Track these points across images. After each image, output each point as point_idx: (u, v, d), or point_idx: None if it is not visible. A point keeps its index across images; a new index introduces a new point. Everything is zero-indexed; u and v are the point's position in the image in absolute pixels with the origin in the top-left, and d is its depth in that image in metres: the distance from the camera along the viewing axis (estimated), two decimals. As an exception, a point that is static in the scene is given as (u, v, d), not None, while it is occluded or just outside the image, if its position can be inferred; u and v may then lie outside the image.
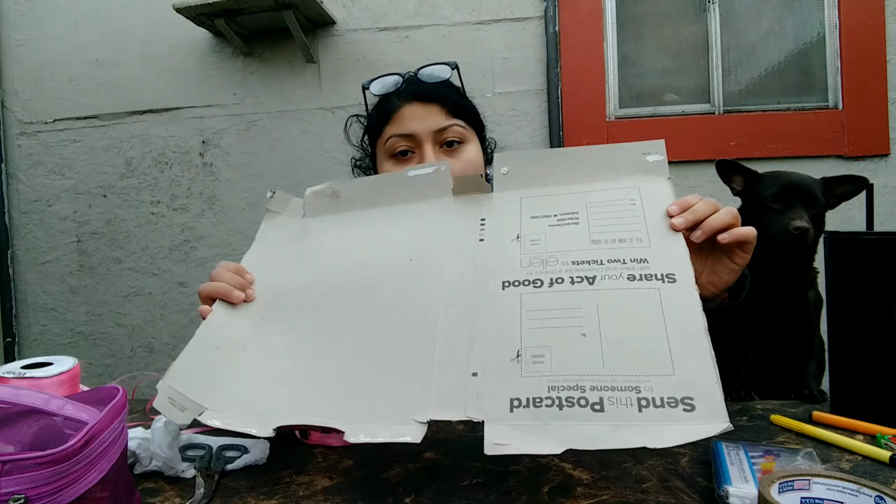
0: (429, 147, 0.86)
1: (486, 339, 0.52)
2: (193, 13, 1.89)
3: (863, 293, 0.70)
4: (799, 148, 1.90)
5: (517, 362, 0.49)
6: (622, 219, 0.59)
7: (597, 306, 0.51)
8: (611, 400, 0.44)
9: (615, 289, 0.52)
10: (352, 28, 2.06)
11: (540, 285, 0.54)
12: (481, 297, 0.56)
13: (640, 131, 1.97)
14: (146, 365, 2.20)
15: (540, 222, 0.61)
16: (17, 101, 2.24)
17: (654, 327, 0.49)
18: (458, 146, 0.88)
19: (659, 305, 0.50)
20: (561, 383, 0.46)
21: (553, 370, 0.47)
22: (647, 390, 0.45)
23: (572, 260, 0.56)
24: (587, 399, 0.45)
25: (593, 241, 0.57)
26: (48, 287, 2.26)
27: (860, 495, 0.43)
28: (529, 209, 0.63)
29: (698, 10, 2.02)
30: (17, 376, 0.66)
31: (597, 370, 0.47)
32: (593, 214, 0.60)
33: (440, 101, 0.87)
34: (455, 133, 0.87)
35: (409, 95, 0.88)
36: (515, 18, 2.00)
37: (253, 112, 2.13)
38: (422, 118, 0.87)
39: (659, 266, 0.53)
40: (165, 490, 0.57)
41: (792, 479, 0.45)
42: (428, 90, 0.88)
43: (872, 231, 0.85)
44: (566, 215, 0.61)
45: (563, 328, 0.50)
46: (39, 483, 0.40)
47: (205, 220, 2.17)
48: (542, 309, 0.52)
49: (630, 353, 0.48)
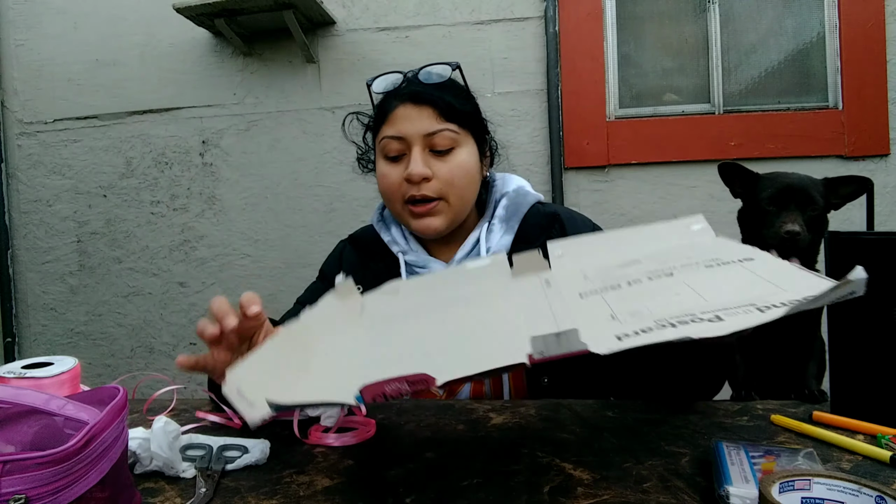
0: (417, 150, 0.85)
1: (572, 316, 0.49)
2: (193, 13, 1.89)
3: (863, 293, 0.70)
4: (799, 148, 1.90)
5: (614, 321, 0.46)
6: (682, 253, 0.60)
7: (683, 281, 0.50)
8: (727, 314, 0.41)
9: (697, 271, 0.52)
10: (352, 28, 2.06)
11: (619, 287, 0.54)
12: (559, 304, 0.54)
13: (640, 131, 1.98)
14: (146, 365, 2.20)
15: (603, 269, 0.62)
16: (17, 101, 2.24)
17: (749, 278, 0.48)
18: (448, 152, 0.87)
19: (747, 270, 0.50)
20: (668, 316, 0.43)
21: (655, 313, 0.44)
22: (763, 302, 0.42)
23: (644, 273, 0.56)
24: (701, 318, 0.42)
25: (661, 264, 0.59)
26: (48, 287, 2.26)
27: (861, 495, 0.43)
28: (590, 266, 0.64)
29: (698, 10, 2.02)
30: (17, 376, 0.66)
31: (701, 304, 0.44)
32: (654, 256, 0.62)
33: (433, 104, 0.86)
34: (445, 138, 0.86)
35: (404, 96, 0.87)
36: (515, 18, 2.00)
37: (253, 112, 2.13)
38: (413, 120, 0.86)
39: (731, 255, 0.54)
40: (165, 490, 0.57)
41: (793, 479, 0.45)
42: (423, 92, 0.87)
43: (872, 231, 0.85)
44: (628, 262, 0.62)
45: (654, 296, 0.49)
46: (40, 483, 0.40)
47: (205, 220, 2.17)
48: (627, 296, 0.51)
49: (734, 291, 0.46)
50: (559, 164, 1.97)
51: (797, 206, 0.85)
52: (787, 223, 0.83)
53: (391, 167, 0.88)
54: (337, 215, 2.09)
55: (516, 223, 0.91)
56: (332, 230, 2.09)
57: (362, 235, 1.01)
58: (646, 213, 1.96)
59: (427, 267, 0.91)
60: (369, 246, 0.97)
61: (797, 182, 0.86)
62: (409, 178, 0.85)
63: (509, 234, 0.91)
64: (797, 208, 0.85)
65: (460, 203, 0.89)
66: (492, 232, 0.91)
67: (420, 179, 0.85)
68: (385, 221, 0.99)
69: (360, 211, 2.07)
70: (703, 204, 1.94)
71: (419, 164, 0.84)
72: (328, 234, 2.10)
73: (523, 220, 0.92)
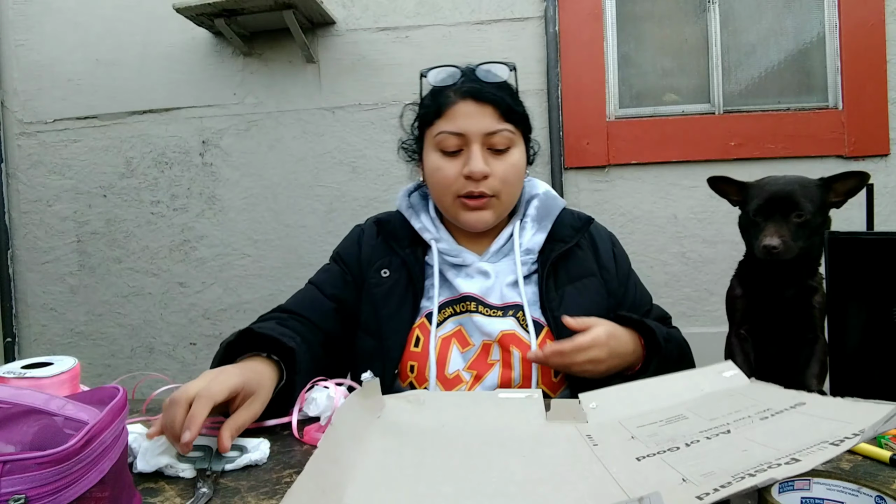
0: (476, 147, 0.87)
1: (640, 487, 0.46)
2: (193, 13, 1.89)
3: (863, 293, 0.70)
4: (799, 148, 1.90)
5: (686, 483, 0.43)
6: (727, 403, 0.60)
7: (745, 437, 0.50)
8: (803, 454, 0.41)
9: (755, 425, 0.51)
10: (352, 28, 2.06)
11: (678, 449, 0.51)
12: (618, 470, 0.50)
13: (639, 131, 1.98)
14: (146, 365, 2.20)
15: (648, 427, 0.59)
16: (17, 101, 2.24)
17: (809, 422, 0.47)
18: (504, 151, 0.89)
19: (803, 415, 0.50)
20: (742, 471, 0.41)
21: (728, 472, 0.42)
22: (834, 437, 0.43)
23: (699, 430, 0.54)
24: (779, 464, 0.41)
25: (710, 419, 0.57)
26: (48, 287, 2.26)
27: (860, 495, 0.43)
28: (632, 423, 0.62)
29: (698, 10, 2.02)
30: (17, 376, 0.66)
31: (775, 454, 0.43)
32: (698, 410, 0.61)
33: (494, 103, 0.87)
34: (504, 138, 0.88)
35: (464, 92, 0.88)
36: (515, 18, 2.00)
37: (253, 112, 2.13)
38: (474, 118, 0.87)
39: (781, 404, 0.54)
40: (165, 490, 0.57)
41: (792, 480, 0.45)
42: (484, 91, 0.88)
43: (872, 231, 0.85)
44: (672, 418, 0.60)
45: (722, 456, 0.47)
46: (40, 483, 0.40)
47: (205, 220, 2.17)
48: (690, 457, 0.48)
49: (803, 434, 0.45)
50: (559, 164, 1.97)
51: (782, 214, 0.84)
52: (766, 237, 0.82)
53: (447, 161, 0.89)
54: (337, 215, 2.09)
55: (549, 223, 0.95)
56: (332, 230, 2.09)
57: (390, 220, 0.99)
58: (646, 212, 1.96)
59: (459, 256, 0.92)
60: (397, 231, 0.97)
61: (783, 189, 0.84)
62: (470, 175, 0.87)
63: (542, 232, 0.94)
64: (782, 217, 0.84)
65: (510, 200, 0.93)
66: (524, 229, 0.95)
67: (482, 177, 0.87)
68: (414, 208, 0.98)
69: (359, 211, 2.07)
70: (702, 204, 1.94)
71: (481, 163, 0.87)
72: (328, 234, 2.10)
73: (556, 221, 0.95)
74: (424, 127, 0.93)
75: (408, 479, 0.52)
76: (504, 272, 0.92)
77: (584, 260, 0.95)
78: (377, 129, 2.06)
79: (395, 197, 1.03)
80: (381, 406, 0.69)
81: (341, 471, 0.52)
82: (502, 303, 0.90)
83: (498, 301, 0.90)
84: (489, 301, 0.90)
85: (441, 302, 0.91)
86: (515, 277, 0.91)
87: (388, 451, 0.58)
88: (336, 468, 0.52)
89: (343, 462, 0.54)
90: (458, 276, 0.92)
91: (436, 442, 0.61)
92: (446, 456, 0.57)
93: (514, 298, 0.90)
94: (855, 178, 0.85)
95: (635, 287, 0.99)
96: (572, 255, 0.94)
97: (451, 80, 0.91)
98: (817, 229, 0.84)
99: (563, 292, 0.90)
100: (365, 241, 0.99)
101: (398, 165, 2.04)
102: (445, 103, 0.89)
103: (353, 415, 0.61)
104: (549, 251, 0.92)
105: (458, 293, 0.91)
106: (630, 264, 1.01)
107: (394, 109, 2.05)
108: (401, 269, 0.93)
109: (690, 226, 1.97)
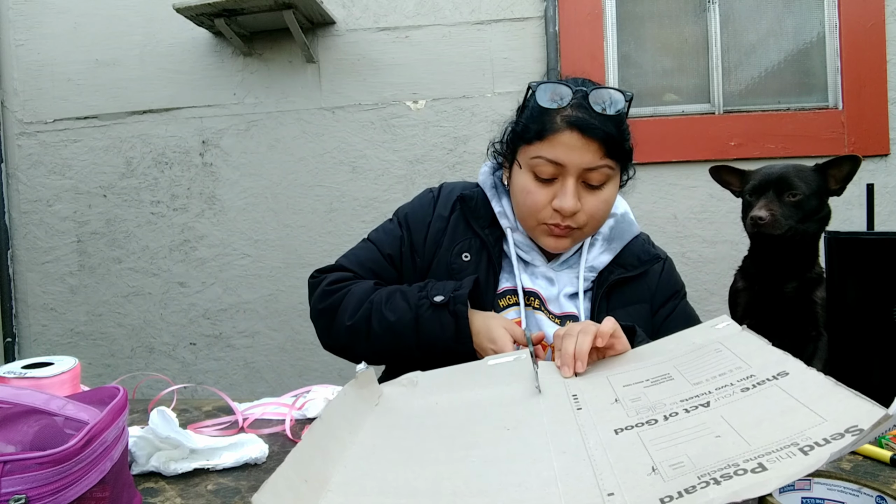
0: (571, 182, 0.83)
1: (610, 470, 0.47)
2: (193, 13, 1.89)
3: (863, 293, 0.70)
4: (799, 148, 1.90)
5: (655, 474, 0.44)
6: (713, 362, 0.60)
7: (721, 416, 0.49)
8: (770, 460, 0.40)
9: (734, 401, 0.51)
10: (352, 28, 2.06)
11: (655, 423, 0.52)
12: (595, 443, 0.51)
13: (639, 131, 1.97)
14: (146, 365, 2.20)
15: (634, 387, 0.60)
16: (17, 101, 2.24)
17: (787, 405, 0.47)
18: (599, 187, 0.85)
19: (783, 392, 0.50)
20: (711, 469, 0.41)
21: (697, 465, 0.43)
22: (805, 440, 0.41)
23: (680, 399, 0.55)
24: (745, 469, 0.40)
25: (694, 384, 0.57)
26: (48, 287, 2.26)
27: (861, 495, 0.43)
28: (619, 382, 0.63)
29: (698, 10, 2.02)
30: (17, 376, 0.66)
31: (743, 449, 0.43)
32: (684, 370, 0.61)
33: (601, 140, 0.81)
34: (601, 175, 0.84)
35: (572, 122, 0.81)
36: (515, 18, 2.00)
37: (253, 112, 2.13)
38: (577, 151, 0.82)
39: (765, 373, 0.54)
40: (165, 490, 0.57)
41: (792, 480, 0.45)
42: (593, 125, 0.81)
43: (872, 231, 0.85)
44: (658, 377, 0.61)
45: (694, 439, 0.47)
46: (40, 483, 0.40)
47: (205, 220, 2.17)
48: (664, 435, 0.49)
49: (773, 427, 0.45)
50: (559, 164, 1.97)
51: (776, 193, 0.86)
52: (755, 209, 0.84)
53: (539, 187, 0.85)
54: (337, 215, 2.09)
55: (619, 246, 0.93)
56: (332, 230, 2.09)
57: (473, 196, 0.97)
58: (645, 212, 1.96)
59: (530, 254, 0.92)
60: (478, 209, 0.95)
61: (777, 171, 0.87)
62: (559, 209, 0.83)
63: (609, 254, 0.92)
64: (775, 195, 0.86)
65: (592, 231, 0.90)
66: (594, 247, 0.93)
67: (571, 215, 0.84)
68: (497, 189, 0.96)
69: (359, 211, 2.07)
70: (702, 204, 1.94)
71: (572, 200, 0.82)
72: (328, 234, 2.10)
73: (626, 247, 0.93)
74: (521, 142, 0.88)
75: (393, 465, 0.53)
76: (563, 282, 0.92)
77: (640, 288, 0.94)
78: (377, 129, 2.06)
79: (394, 197, 1.02)
80: (377, 395, 0.69)
81: (328, 460, 0.53)
82: (560, 312, 0.90)
83: (557, 310, 0.90)
84: (549, 307, 0.90)
85: (505, 289, 0.91)
86: (574, 290, 0.91)
87: (377, 438, 0.59)
88: (322, 457, 0.53)
89: (331, 452, 0.54)
90: (524, 272, 0.92)
91: (426, 422, 0.62)
92: (434, 437, 0.59)
93: (570, 310, 0.90)
94: (848, 163, 0.86)
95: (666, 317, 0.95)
96: (630, 282, 0.93)
97: (561, 101, 0.83)
98: (812, 213, 0.85)
99: (615, 315, 0.89)
100: (438, 211, 0.97)
101: (398, 165, 2.04)
102: (549, 128, 0.83)
103: (346, 405, 0.62)
104: (609, 273, 0.91)
105: (524, 286, 0.90)
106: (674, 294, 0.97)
107: (394, 109, 2.05)
108: (481, 252, 0.92)
109: (690, 226, 1.97)
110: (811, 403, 0.46)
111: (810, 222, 0.86)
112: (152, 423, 0.60)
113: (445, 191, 0.99)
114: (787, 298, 0.87)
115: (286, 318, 2.13)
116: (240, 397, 0.83)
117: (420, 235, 0.95)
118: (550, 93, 0.84)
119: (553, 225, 0.85)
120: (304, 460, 0.49)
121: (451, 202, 0.97)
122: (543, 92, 0.84)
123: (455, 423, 0.61)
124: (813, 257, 0.88)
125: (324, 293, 0.91)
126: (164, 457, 0.60)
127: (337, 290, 0.90)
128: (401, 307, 0.83)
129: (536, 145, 0.84)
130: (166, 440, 0.60)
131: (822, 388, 0.47)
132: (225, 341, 2.17)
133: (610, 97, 0.83)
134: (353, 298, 0.87)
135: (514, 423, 0.58)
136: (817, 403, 0.45)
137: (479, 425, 0.60)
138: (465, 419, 0.62)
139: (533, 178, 0.85)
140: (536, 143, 0.84)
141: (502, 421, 0.59)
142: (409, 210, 0.99)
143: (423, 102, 2.02)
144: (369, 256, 0.95)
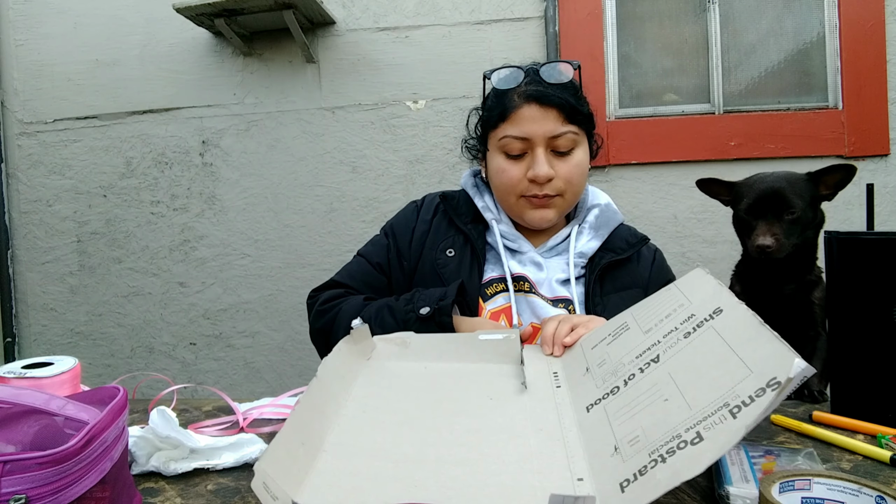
0: (540, 151, 0.88)
1: (581, 453, 0.52)
2: (193, 13, 1.89)
3: (863, 293, 0.70)
4: (799, 148, 1.90)
5: (616, 454, 0.49)
6: (662, 302, 0.64)
7: (668, 373, 0.53)
8: (706, 427, 0.44)
9: (678, 351, 0.55)
10: (352, 28, 2.06)
11: (617, 391, 0.56)
12: (570, 423, 0.57)
13: (640, 131, 1.98)
14: (146, 365, 2.20)
15: (598, 348, 0.66)
16: (17, 101, 2.24)
17: (720, 353, 0.50)
18: (568, 153, 0.90)
19: (717, 336, 0.53)
20: (658, 444, 0.46)
21: (649, 439, 0.47)
22: (734, 398, 0.45)
23: (635, 355, 0.59)
24: (686, 440, 0.45)
25: (645, 331, 0.61)
26: (48, 287, 2.26)
27: (861, 495, 0.43)
28: (588, 343, 0.69)
29: (698, 10, 2.02)
30: (17, 376, 0.66)
31: (685, 416, 0.47)
32: (638, 316, 0.65)
33: (559, 107, 0.87)
34: (568, 140, 0.88)
35: (528, 96, 0.88)
36: (515, 18, 2.00)
37: (253, 112, 2.13)
38: (538, 121, 0.87)
39: (704, 311, 0.57)
40: (165, 490, 0.57)
41: (793, 479, 0.45)
42: (548, 93, 0.87)
43: (872, 231, 0.85)
44: (618, 329, 0.66)
45: (647, 406, 0.51)
46: (40, 483, 0.40)
47: (205, 220, 2.17)
48: (625, 405, 0.54)
49: (710, 384, 0.48)
50: (559, 164, 1.97)
51: (774, 213, 0.84)
52: (758, 237, 0.83)
53: (511, 164, 0.90)
54: (337, 215, 2.09)
55: (606, 233, 0.97)
56: (331, 230, 2.09)
57: (455, 196, 1.02)
58: (646, 212, 1.96)
59: (516, 242, 0.95)
60: (460, 207, 1.00)
61: (771, 187, 0.85)
62: (535, 179, 0.88)
63: (597, 240, 0.96)
64: (774, 216, 0.84)
65: (573, 199, 0.94)
66: (581, 234, 0.96)
67: (546, 181, 0.88)
68: (479, 188, 1.01)
69: (359, 211, 2.07)
70: (702, 204, 1.94)
71: (545, 167, 0.88)
72: (328, 234, 2.10)
73: (612, 233, 0.97)
74: (488, 129, 0.94)
75: (383, 426, 0.57)
76: (554, 269, 0.94)
77: (633, 272, 0.96)
78: (377, 129, 2.06)
79: (394, 197, 1.03)
80: (370, 349, 0.73)
81: (324, 418, 0.56)
82: (552, 296, 0.92)
83: (548, 294, 0.92)
84: (540, 290, 0.92)
85: (492, 278, 0.93)
86: (566, 276, 0.93)
87: (370, 398, 0.63)
88: (318, 416, 0.56)
89: (327, 412, 0.57)
90: (511, 259, 0.94)
91: (415, 384, 0.67)
92: (422, 401, 0.63)
93: (563, 293, 0.92)
94: (842, 171, 0.85)
95: None
96: (621, 266, 0.95)
97: (514, 81, 0.90)
98: (809, 224, 0.85)
99: (608, 300, 0.91)
100: (422, 217, 1.01)
101: (398, 165, 2.04)
102: (509, 107, 0.89)
103: (340, 361, 0.66)
104: (600, 258, 0.94)
105: (512, 273, 0.92)
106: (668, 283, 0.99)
107: (394, 109, 2.05)
108: (464, 247, 0.95)
109: (690, 226, 1.97)
110: (739, 348, 0.49)
111: (808, 231, 0.85)
112: (152, 423, 0.60)
113: (428, 199, 1.05)
114: (785, 300, 0.87)
115: (286, 318, 2.13)
116: (240, 397, 0.83)
117: (405, 240, 0.99)
118: (504, 76, 0.91)
119: (532, 196, 0.90)
120: (301, 423, 0.52)
121: (434, 206, 1.02)
122: (498, 76, 0.91)
123: (442, 388, 0.66)
124: (811, 260, 0.88)
125: (318, 313, 0.95)
126: (164, 457, 0.60)
127: (329, 308, 0.94)
128: (389, 323, 0.85)
129: (502, 127, 0.90)
130: (166, 440, 0.60)
131: (749, 330, 0.50)
132: (225, 341, 2.17)
133: (559, 68, 0.90)
134: (345, 316, 0.91)
135: (497, 395, 0.63)
136: (745, 348, 0.49)
137: (465, 393, 0.64)
138: (453, 386, 0.66)
139: (504, 157, 0.91)
140: (501, 125, 0.90)
141: (487, 393, 0.64)
142: (394, 221, 1.04)
143: (423, 102, 2.02)
144: (360, 269, 1.00)
